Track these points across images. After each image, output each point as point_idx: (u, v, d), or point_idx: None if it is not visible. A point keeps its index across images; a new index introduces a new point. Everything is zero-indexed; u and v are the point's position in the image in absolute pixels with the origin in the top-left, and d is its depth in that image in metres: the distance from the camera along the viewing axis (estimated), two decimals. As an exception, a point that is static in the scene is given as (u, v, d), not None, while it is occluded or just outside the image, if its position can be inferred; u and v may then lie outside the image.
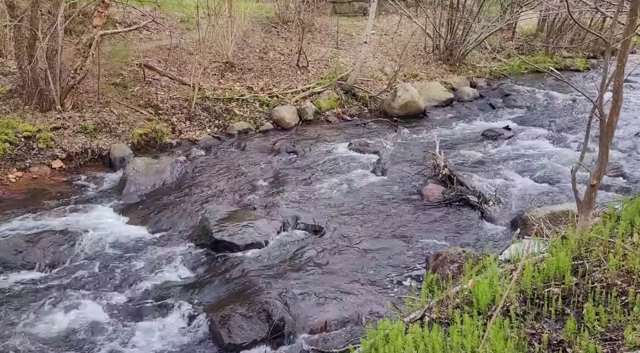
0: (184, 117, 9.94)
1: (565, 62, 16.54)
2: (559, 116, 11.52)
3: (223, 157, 8.85)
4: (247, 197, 7.27)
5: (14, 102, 8.54)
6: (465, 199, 7.07)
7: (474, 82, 14.29)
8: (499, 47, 16.66)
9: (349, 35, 15.48)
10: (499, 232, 6.43)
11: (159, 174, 7.72)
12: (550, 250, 3.74)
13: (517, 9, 15.61)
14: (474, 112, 12.12)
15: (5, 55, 9.57)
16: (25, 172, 7.65)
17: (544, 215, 5.72)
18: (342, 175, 8.12)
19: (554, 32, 17.17)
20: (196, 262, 5.66)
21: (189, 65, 10.97)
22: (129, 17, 12.33)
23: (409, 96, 11.45)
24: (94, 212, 6.66)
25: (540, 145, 9.52)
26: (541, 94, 13.28)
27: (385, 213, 6.89)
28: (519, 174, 8.08)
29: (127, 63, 10.50)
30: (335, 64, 12.90)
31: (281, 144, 9.39)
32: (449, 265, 4.97)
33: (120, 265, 5.50)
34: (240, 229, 6.05)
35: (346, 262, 5.70)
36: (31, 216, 6.43)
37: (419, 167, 8.39)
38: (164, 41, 11.82)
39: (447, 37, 14.73)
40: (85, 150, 8.30)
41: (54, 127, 8.30)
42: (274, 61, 12.60)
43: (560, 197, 7.21)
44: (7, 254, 5.48)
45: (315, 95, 11.63)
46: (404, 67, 13.47)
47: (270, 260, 5.70)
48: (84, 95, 9.25)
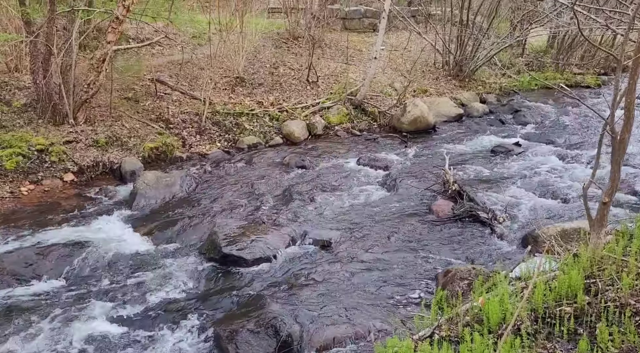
0: (195, 131, 10.03)
1: (575, 79, 16.50)
2: (570, 133, 11.46)
3: (232, 171, 8.88)
4: (256, 211, 7.28)
5: (28, 116, 8.68)
6: (475, 215, 7.02)
7: (483, 97, 14.29)
8: (509, 63, 16.68)
9: (358, 50, 15.59)
10: (509, 249, 6.36)
11: (169, 188, 7.76)
12: (561, 268, 3.69)
13: (526, 25, 15.65)
14: (484, 128, 12.09)
15: (20, 70, 9.75)
16: (37, 185, 7.74)
17: (555, 232, 5.65)
18: (351, 190, 8.12)
19: (564, 48, 17.16)
20: (205, 275, 5.66)
21: (200, 80, 11.10)
22: (142, 33, 12.53)
23: (419, 111, 11.47)
24: (104, 225, 6.70)
25: (551, 161, 9.45)
26: (552, 110, 13.24)
27: (394, 228, 6.86)
28: (530, 190, 8.02)
29: (139, 78, 10.66)
30: (344, 79, 12.97)
31: (290, 158, 9.42)
32: (458, 282, 4.92)
33: (130, 278, 5.51)
34: (249, 243, 6.05)
35: (355, 277, 5.66)
36: (42, 229, 6.48)
37: (428, 182, 8.36)
38: (176, 56, 11.99)
39: (457, 53, 14.78)
40: (97, 163, 8.39)
41: (66, 140, 8.41)
42: (284, 76, 12.71)
43: (572, 214, 7.13)
44: (17, 266, 5.52)
45: (324, 110, 11.68)
46: (413, 83, 13.52)
47: (278, 275, 5.68)
48: (97, 109, 9.38)
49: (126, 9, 8.30)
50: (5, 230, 6.44)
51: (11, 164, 7.70)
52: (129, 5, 8.28)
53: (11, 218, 6.81)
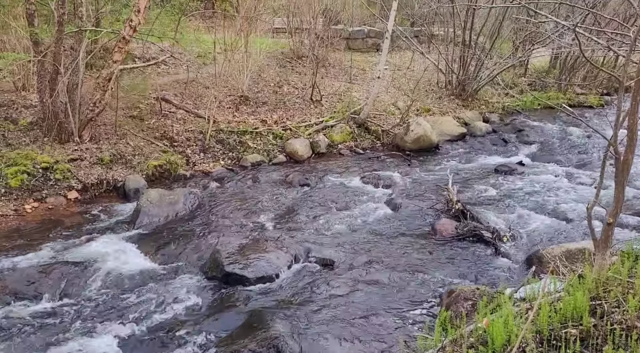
0: (199, 149, 10.08)
1: (578, 99, 16.56)
2: (573, 152, 11.46)
3: (236, 189, 8.90)
4: (258, 229, 7.27)
5: (34, 134, 8.75)
6: (478, 235, 6.98)
7: (486, 117, 14.34)
8: (512, 83, 16.78)
9: (362, 70, 15.73)
10: (513, 269, 6.31)
11: (172, 205, 7.77)
12: (567, 289, 3.65)
13: (528, 46, 15.78)
14: (487, 147, 12.11)
15: (27, 89, 9.87)
16: (41, 203, 7.76)
17: (559, 252, 5.61)
18: (354, 208, 8.11)
19: (566, 69, 17.26)
20: (207, 294, 5.63)
21: (205, 99, 11.20)
22: (148, 52, 12.70)
23: (422, 130, 11.51)
24: (107, 243, 6.69)
25: (555, 181, 9.43)
26: (555, 130, 13.26)
27: (398, 247, 6.82)
28: (533, 210, 7.99)
29: (144, 96, 10.76)
30: (348, 98, 13.06)
31: (294, 176, 9.43)
32: (462, 302, 4.87)
33: (132, 296, 5.48)
34: (251, 262, 6.02)
35: (357, 297, 5.61)
36: (45, 247, 6.48)
37: (431, 201, 8.34)
38: (181, 75, 12.12)
39: (460, 73, 14.90)
40: (101, 181, 8.42)
41: (71, 158, 8.46)
42: (288, 95, 12.81)
43: (576, 234, 7.09)
44: (19, 285, 5.50)
45: (328, 129, 11.74)
46: (416, 102, 13.60)
47: (281, 294, 5.64)
48: (102, 127, 9.46)
49: (133, 29, 8.43)
50: (8, 248, 6.44)
51: (16, 181, 7.74)
52: (135, 25, 8.41)
53: (14, 236, 6.82)
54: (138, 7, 8.29)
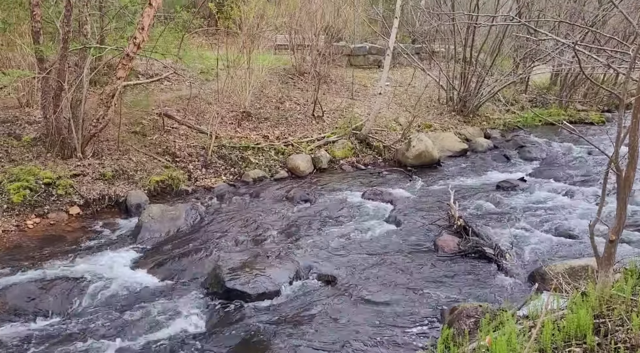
0: (201, 164, 10.11)
1: (579, 115, 16.62)
2: (575, 169, 11.46)
3: (237, 204, 8.90)
4: (260, 245, 7.25)
5: (37, 150, 8.80)
6: (481, 251, 6.95)
7: (488, 133, 14.39)
8: (513, 100, 16.87)
9: (363, 86, 15.84)
10: (516, 286, 6.26)
11: (174, 221, 7.77)
12: (570, 306, 3.63)
13: (529, 63, 15.90)
14: (489, 163, 12.12)
15: (31, 105, 9.95)
16: (43, 218, 7.76)
17: (562, 269, 5.58)
18: (355, 224, 8.09)
19: (567, 86, 17.36)
20: (208, 311, 5.59)
21: (207, 115, 11.27)
22: (151, 69, 12.82)
23: (423, 146, 11.54)
24: (108, 259, 6.68)
25: (557, 197, 9.41)
26: (556, 146, 13.28)
27: (399, 264, 6.79)
28: (536, 227, 7.96)
29: (147, 112, 10.84)
30: (350, 114, 13.13)
31: (295, 192, 9.44)
32: (465, 320, 4.83)
33: (133, 313, 5.45)
34: (252, 278, 5.99)
35: (359, 314, 5.57)
36: (46, 263, 6.46)
37: (433, 217, 8.32)
38: (184, 91, 12.22)
39: (461, 90, 14.99)
40: (103, 196, 8.43)
41: (73, 174, 8.48)
42: (290, 111, 12.88)
43: (579, 251, 7.05)
44: (19, 301, 5.48)
45: (329, 144, 11.78)
46: (418, 118, 13.66)
47: (282, 311, 5.60)
48: (105, 143, 9.51)
49: (137, 46, 8.52)
50: (9, 264, 6.43)
51: (18, 197, 7.76)
52: (139, 42, 8.50)
53: (15, 252, 6.80)
54: (142, 25, 8.39)
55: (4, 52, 9.88)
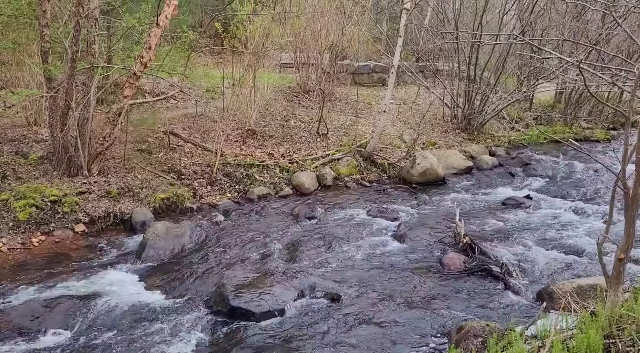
0: (205, 182, 10.13)
1: (584, 133, 16.59)
2: (582, 186, 11.40)
3: (242, 221, 8.89)
4: (264, 262, 7.22)
5: (43, 168, 8.85)
6: (487, 269, 6.90)
7: (492, 150, 14.37)
8: (517, 117, 16.89)
9: (368, 104, 15.92)
10: (523, 304, 6.19)
11: (179, 239, 7.76)
12: (579, 326, 3.57)
13: (533, 81, 15.95)
14: (494, 181, 12.08)
15: (39, 123, 10.05)
16: (48, 236, 7.77)
17: (570, 288, 5.52)
18: (360, 241, 8.05)
19: (571, 103, 17.38)
20: (212, 329, 5.55)
21: (212, 132, 11.33)
22: (157, 87, 12.96)
23: (428, 163, 11.54)
24: (113, 276, 6.66)
25: (564, 215, 9.35)
26: (562, 164, 13.24)
27: (405, 282, 6.74)
28: (543, 245, 7.89)
29: (153, 130, 10.91)
30: (354, 132, 13.17)
31: (300, 209, 9.42)
32: (472, 339, 4.76)
33: (136, 331, 5.41)
34: (257, 296, 5.96)
35: (364, 333, 5.51)
36: (50, 281, 6.45)
37: (439, 235, 8.28)
38: (190, 109, 12.32)
39: (465, 107, 15.04)
40: (108, 214, 8.45)
41: (79, 191, 8.52)
42: (294, 128, 12.94)
43: (586, 269, 6.98)
44: (24, 319, 5.46)
45: (334, 162, 11.80)
46: (422, 135, 13.68)
47: (287, 330, 5.55)
48: (111, 160, 9.56)
49: (144, 65, 8.63)
50: (14, 282, 6.42)
51: (24, 215, 7.79)
52: (146, 61, 8.61)
53: (20, 270, 6.80)
54: (149, 44, 8.50)
55: (13, 71, 10.03)
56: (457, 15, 15.49)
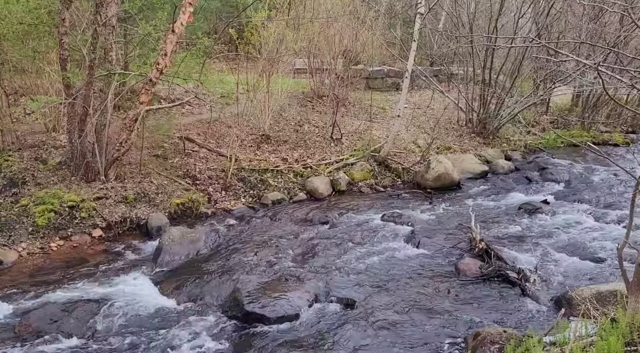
0: (220, 187, 10.19)
1: (602, 137, 16.35)
2: (600, 191, 11.21)
3: (256, 226, 8.91)
4: (279, 267, 7.22)
5: (62, 174, 8.99)
6: (504, 275, 6.81)
7: (508, 155, 14.24)
8: (533, 121, 16.72)
9: (382, 109, 15.89)
10: (541, 311, 6.10)
11: (194, 243, 7.80)
12: (599, 333, 3.51)
13: (550, 84, 15.78)
14: (510, 185, 11.95)
15: (58, 129, 10.22)
16: (66, 241, 7.88)
17: (589, 294, 5.42)
18: (375, 247, 8.01)
19: (589, 107, 17.16)
20: (227, 334, 5.57)
21: (227, 138, 11.40)
22: (173, 93, 13.10)
23: (443, 168, 11.46)
24: (129, 281, 6.72)
25: (582, 220, 9.20)
26: (579, 168, 13.05)
27: (420, 287, 6.68)
28: (560, 250, 7.77)
29: (169, 136, 11.02)
30: (368, 137, 13.16)
31: (314, 214, 9.42)
32: (489, 346, 4.70)
33: (152, 335, 5.45)
34: (271, 301, 5.96)
35: (379, 339, 5.47)
36: (68, 285, 6.54)
37: (454, 240, 8.20)
38: (205, 115, 12.42)
39: (480, 111, 14.93)
40: (125, 219, 8.54)
41: (97, 197, 8.63)
42: (308, 133, 12.97)
43: (606, 275, 6.86)
44: (42, 323, 5.53)
45: (348, 167, 11.79)
46: (437, 140, 13.61)
47: (301, 335, 5.54)
48: (127, 166, 9.67)
49: (159, 72, 8.72)
50: (34, 286, 6.52)
51: (43, 220, 7.91)
52: (162, 68, 8.71)
53: (39, 274, 6.91)
54: (165, 51, 8.60)
55: (33, 79, 10.22)
56: (472, 19, 15.43)
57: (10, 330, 5.48)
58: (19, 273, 6.95)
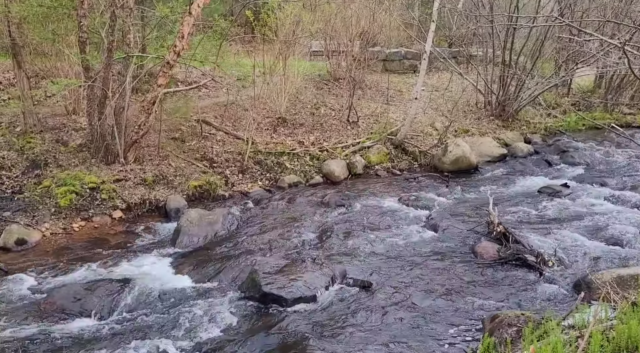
0: (237, 170, 10.25)
1: (626, 119, 15.96)
2: (622, 174, 11.00)
3: (273, 209, 8.96)
4: (295, 249, 7.28)
5: (82, 156, 9.13)
6: (522, 259, 6.76)
7: (528, 138, 14.01)
8: (554, 103, 16.38)
9: (399, 91, 15.73)
10: (560, 295, 6.05)
11: (211, 225, 7.89)
12: (619, 317, 3.47)
13: (572, 65, 15.41)
14: (529, 169, 11.79)
15: (78, 112, 10.35)
16: (88, 222, 8.04)
17: (610, 278, 5.36)
18: (391, 230, 8.01)
19: (612, 88, 16.73)
20: (245, 314, 5.65)
21: (244, 121, 11.42)
22: (190, 76, 13.13)
23: (460, 151, 11.34)
24: (149, 261, 6.85)
25: (603, 204, 9.05)
26: (601, 151, 12.80)
27: (437, 270, 6.68)
28: (580, 234, 7.67)
29: (186, 119, 11.08)
30: (385, 119, 13.06)
31: (330, 197, 9.43)
32: (506, 328, 4.69)
33: (172, 314, 5.56)
34: (288, 282, 6.02)
35: (396, 321, 5.50)
36: (91, 264, 6.69)
37: (471, 223, 8.15)
38: (221, 98, 12.44)
39: (499, 93, 14.67)
40: (144, 201, 8.66)
41: (116, 179, 8.76)
42: (324, 116, 12.92)
43: (627, 259, 6.76)
44: (66, 301, 5.68)
45: (364, 150, 11.74)
46: (454, 123, 13.44)
47: (318, 316, 5.60)
48: (146, 149, 9.77)
49: (177, 54, 8.74)
50: (58, 265, 6.69)
51: (65, 201, 8.06)
52: (179, 51, 8.72)
53: (62, 254, 7.07)
54: (182, 33, 8.60)
55: (52, 61, 10.33)
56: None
57: (36, 307, 5.65)
58: (43, 252, 7.12)
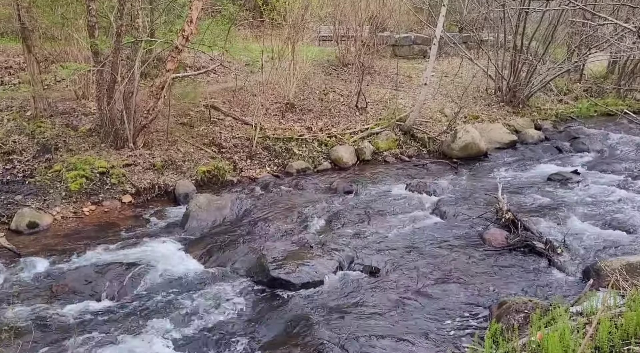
0: (245, 155, 10.27)
1: (639, 105, 15.74)
2: (634, 162, 10.87)
3: (281, 195, 8.99)
4: (303, 235, 7.30)
5: (92, 140, 9.18)
6: (530, 245, 6.74)
7: (539, 124, 13.87)
8: (566, 89, 16.18)
9: (408, 77, 15.60)
10: (568, 282, 6.04)
11: (220, 210, 7.93)
12: (628, 304, 3.46)
13: (585, 50, 15.17)
14: (539, 155, 11.69)
15: (87, 97, 10.38)
16: (98, 206, 8.12)
17: (619, 265, 5.33)
18: (399, 216, 8.01)
19: (626, 74, 16.46)
20: (253, 298, 5.70)
21: (252, 106, 11.41)
22: (198, 61, 13.10)
23: (470, 138, 11.27)
24: (158, 245, 6.91)
25: (613, 191, 8.96)
26: (613, 138, 12.63)
27: (445, 256, 6.68)
28: (590, 221, 7.62)
29: (194, 104, 11.09)
30: (394, 105, 12.98)
31: (338, 183, 9.43)
32: (514, 314, 4.70)
33: (180, 298, 5.62)
34: (296, 267, 6.06)
35: (403, 306, 5.53)
36: (101, 248, 6.76)
37: (480, 210, 8.12)
38: (230, 83, 12.41)
39: (510, 79, 14.50)
40: (153, 186, 8.72)
41: (126, 163, 8.81)
42: (333, 102, 12.86)
43: (636, 247, 6.71)
44: (78, 284, 5.77)
45: (373, 136, 11.69)
46: (464, 109, 13.33)
47: (325, 301, 5.63)
48: (154, 134, 9.81)
49: (185, 39, 8.71)
50: (68, 248, 6.77)
51: (75, 185, 8.14)
52: (188, 35, 8.69)
53: (74, 237, 7.16)
54: (190, 18, 8.56)
55: (62, 46, 10.34)
56: (505, -18, 14.79)
57: (47, 289, 5.74)
58: (54, 236, 7.22)
